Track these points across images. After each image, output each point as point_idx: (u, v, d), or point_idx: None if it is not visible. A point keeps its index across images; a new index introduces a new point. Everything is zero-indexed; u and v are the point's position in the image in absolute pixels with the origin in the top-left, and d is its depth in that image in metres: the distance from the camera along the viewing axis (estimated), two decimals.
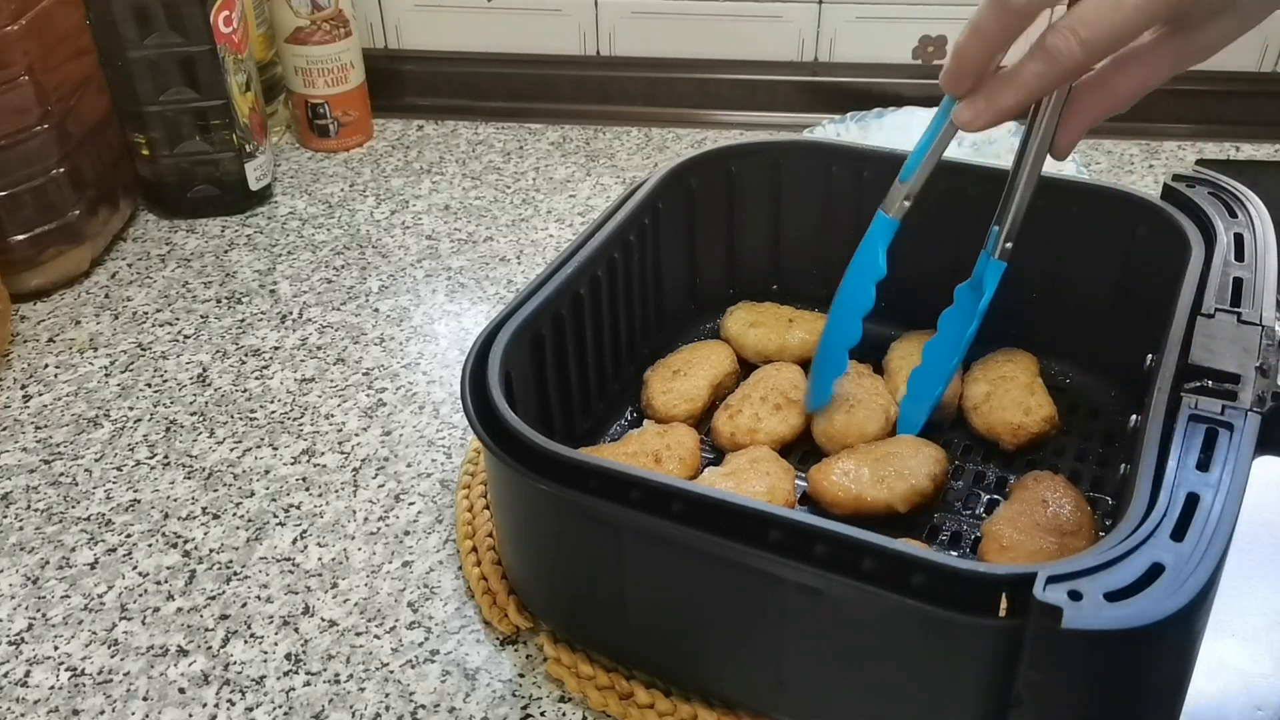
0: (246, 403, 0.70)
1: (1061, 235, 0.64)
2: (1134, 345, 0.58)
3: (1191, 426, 0.44)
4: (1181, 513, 0.40)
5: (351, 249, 0.87)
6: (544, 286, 0.57)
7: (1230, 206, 0.59)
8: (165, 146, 0.88)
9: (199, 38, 0.84)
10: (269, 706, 0.51)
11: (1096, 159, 0.97)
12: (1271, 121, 1.00)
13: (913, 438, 0.59)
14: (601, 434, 0.65)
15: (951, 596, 0.39)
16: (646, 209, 0.65)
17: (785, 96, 1.05)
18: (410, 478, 0.64)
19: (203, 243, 0.89)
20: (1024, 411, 0.61)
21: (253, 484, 0.64)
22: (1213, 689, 0.50)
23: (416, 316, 0.79)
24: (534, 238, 0.88)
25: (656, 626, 0.49)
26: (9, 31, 0.73)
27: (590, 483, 0.45)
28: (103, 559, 0.59)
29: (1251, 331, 0.49)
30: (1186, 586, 0.37)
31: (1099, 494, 0.59)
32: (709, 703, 0.50)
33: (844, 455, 0.58)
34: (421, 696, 0.51)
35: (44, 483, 0.64)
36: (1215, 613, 0.40)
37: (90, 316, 0.80)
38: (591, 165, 0.99)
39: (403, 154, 1.01)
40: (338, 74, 0.98)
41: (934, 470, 0.56)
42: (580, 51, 1.09)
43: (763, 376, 0.65)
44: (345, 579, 0.57)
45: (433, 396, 0.71)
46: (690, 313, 0.73)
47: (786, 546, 0.42)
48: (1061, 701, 0.39)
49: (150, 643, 0.54)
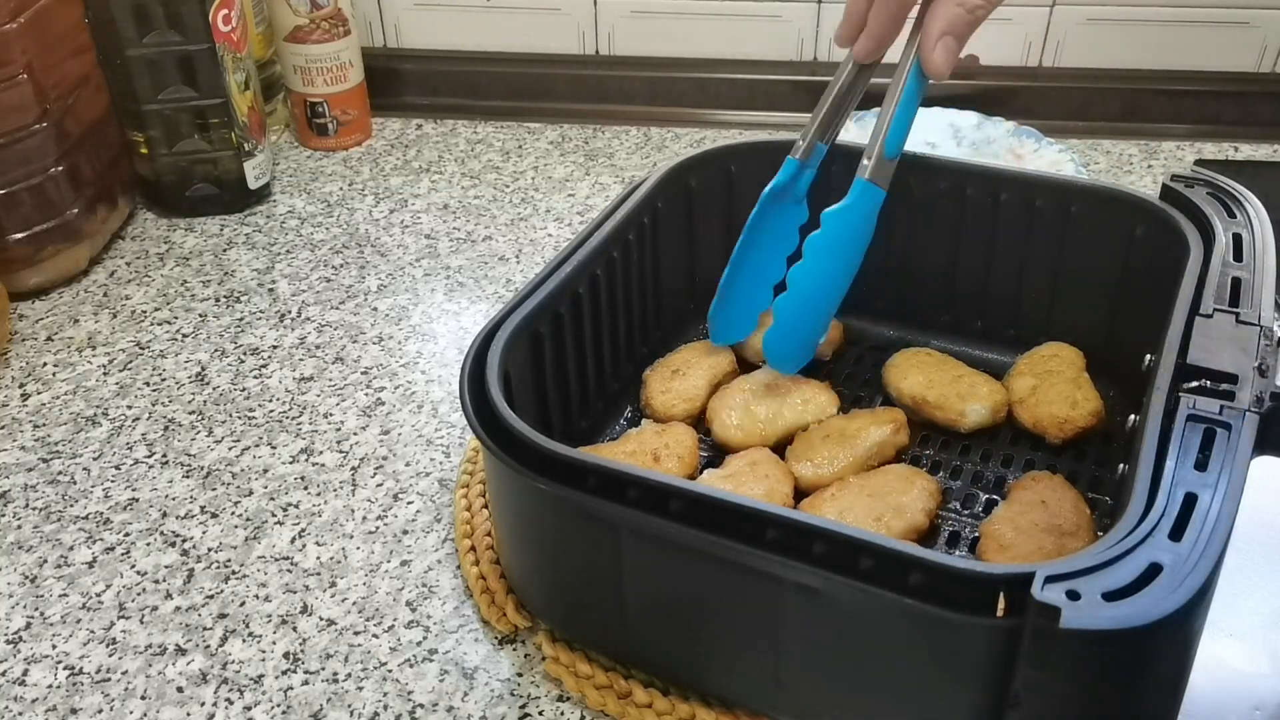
0: (245, 401, 0.70)
1: (1060, 235, 0.65)
2: (1132, 345, 0.58)
3: (1190, 426, 0.44)
4: (1179, 513, 0.40)
5: (350, 248, 0.87)
6: (543, 286, 0.57)
7: (1229, 207, 0.59)
8: (164, 145, 0.88)
9: (198, 36, 0.84)
10: (267, 705, 0.51)
11: (1095, 159, 0.97)
12: (1270, 122, 1.00)
13: (904, 468, 0.59)
14: (600, 433, 0.65)
15: (950, 596, 0.39)
16: (646, 208, 0.65)
17: (785, 96, 1.05)
18: (409, 477, 0.64)
19: (201, 241, 0.88)
20: (1071, 405, 0.62)
21: (251, 483, 0.64)
22: (1210, 688, 0.50)
23: (415, 315, 0.79)
24: (533, 237, 0.88)
25: (655, 625, 0.49)
26: (7, 29, 0.73)
27: (589, 482, 0.45)
28: (101, 558, 0.59)
29: (1250, 332, 0.49)
30: (1184, 586, 0.37)
31: (1097, 494, 0.59)
32: (707, 702, 0.50)
33: (837, 489, 0.57)
34: (420, 695, 0.51)
35: (42, 481, 0.64)
36: (1213, 612, 0.40)
37: (89, 315, 0.79)
38: (590, 164, 0.99)
39: (401, 153, 1.01)
40: (336, 73, 0.98)
41: (929, 505, 0.56)
42: (579, 51, 1.09)
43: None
44: (344, 578, 0.57)
45: (431, 395, 0.71)
46: (689, 312, 0.73)
47: (785, 545, 0.42)
48: (1059, 701, 0.39)
49: (148, 642, 0.54)
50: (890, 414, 0.62)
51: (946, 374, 0.65)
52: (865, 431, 0.60)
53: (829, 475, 0.58)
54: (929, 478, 0.58)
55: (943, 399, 0.63)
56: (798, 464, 0.59)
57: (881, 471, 0.59)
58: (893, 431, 0.61)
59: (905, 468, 0.59)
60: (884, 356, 0.67)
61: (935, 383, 0.64)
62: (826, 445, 0.60)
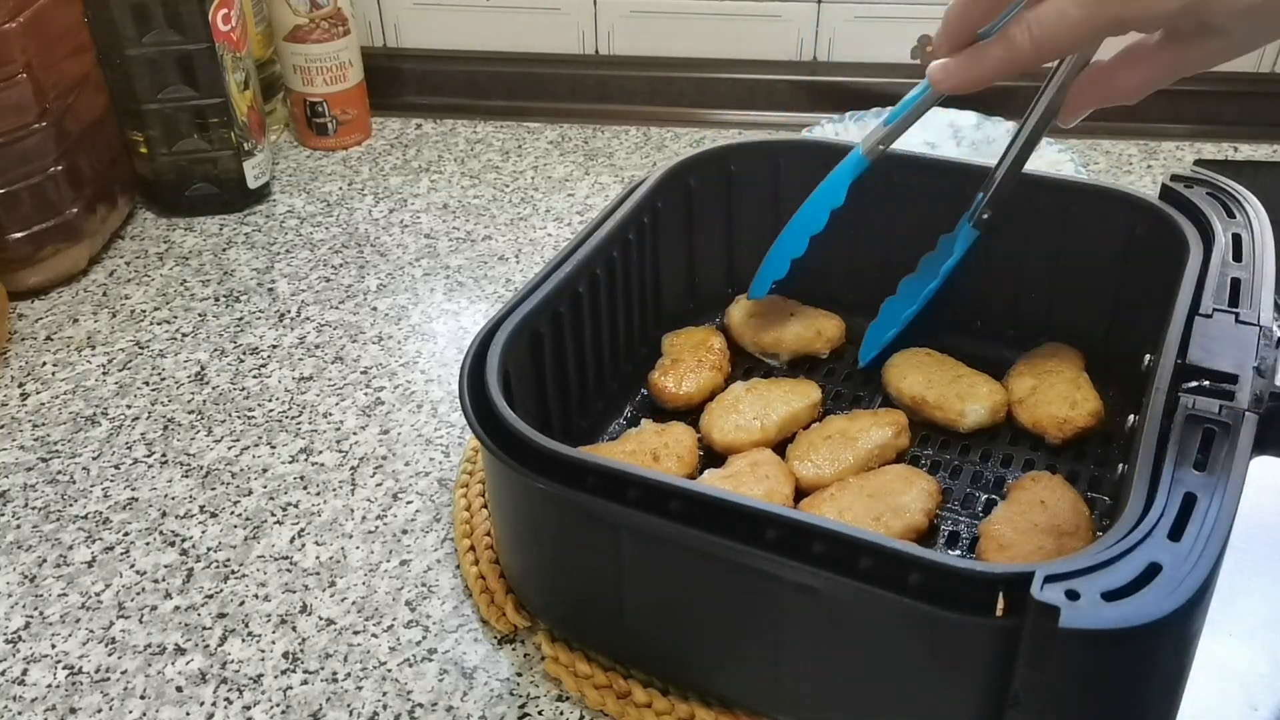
0: (244, 401, 0.70)
1: (1059, 235, 0.65)
2: (1132, 345, 0.58)
3: (1189, 426, 0.44)
4: (1179, 513, 0.40)
5: (350, 247, 0.87)
6: (542, 285, 0.57)
7: (1228, 207, 0.59)
8: (163, 144, 0.88)
9: (197, 36, 0.83)
10: (266, 705, 0.51)
11: (1095, 159, 0.97)
12: (1270, 122, 1.00)
13: (904, 468, 0.59)
14: (599, 433, 0.65)
15: (949, 596, 0.39)
16: (645, 208, 0.65)
17: (784, 96, 1.05)
18: (408, 476, 0.64)
19: (201, 241, 0.88)
20: (1070, 405, 0.62)
21: (250, 482, 0.64)
22: (1209, 689, 0.50)
23: (415, 315, 0.79)
24: (532, 236, 0.88)
25: (654, 625, 0.49)
26: (7, 29, 0.73)
27: (588, 481, 0.45)
28: (100, 557, 0.59)
29: (1249, 332, 0.49)
30: (1183, 586, 0.37)
31: (1096, 494, 0.59)
32: (706, 701, 0.50)
33: (836, 490, 0.57)
34: (419, 695, 0.51)
35: (41, 481, 0.64)
36: (1212, 613, 0.40)
37: (88, 314, 0.79)
38: (590, 164, 0.99)
39: (401, 153, 1.01)
40: (336, 72, 0.98)
41: (928, 505, 0.56)
42: (579, 50, 1.09)
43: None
44: (343, 577, 0.57)
45: (431, 395, 0.71)
46: (689, 311, 0.73)
47: (784, 545, 0.42)
48: (1058, 700, 0.39)
49: (148, 641, 0.54)
50: (892, 416, 0.62)
51: (946, 374, 0.65)
52: (867, 433, 0.60)
53: (829, 476, 0.58)
54: (928, 478, 0.58)
55: (942, 399, 0.63)
56: (798, 464, 0.59)
57: (881, 471, 0.59)
58: (894, 434, 0.61)
59: (904, 468, 0.59)
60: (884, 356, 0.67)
61: (935, 382, 0.64)
62: (827, 445, 0.60)
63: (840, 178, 0.63)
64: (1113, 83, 0.49)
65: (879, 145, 0.62)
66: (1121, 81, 0.48)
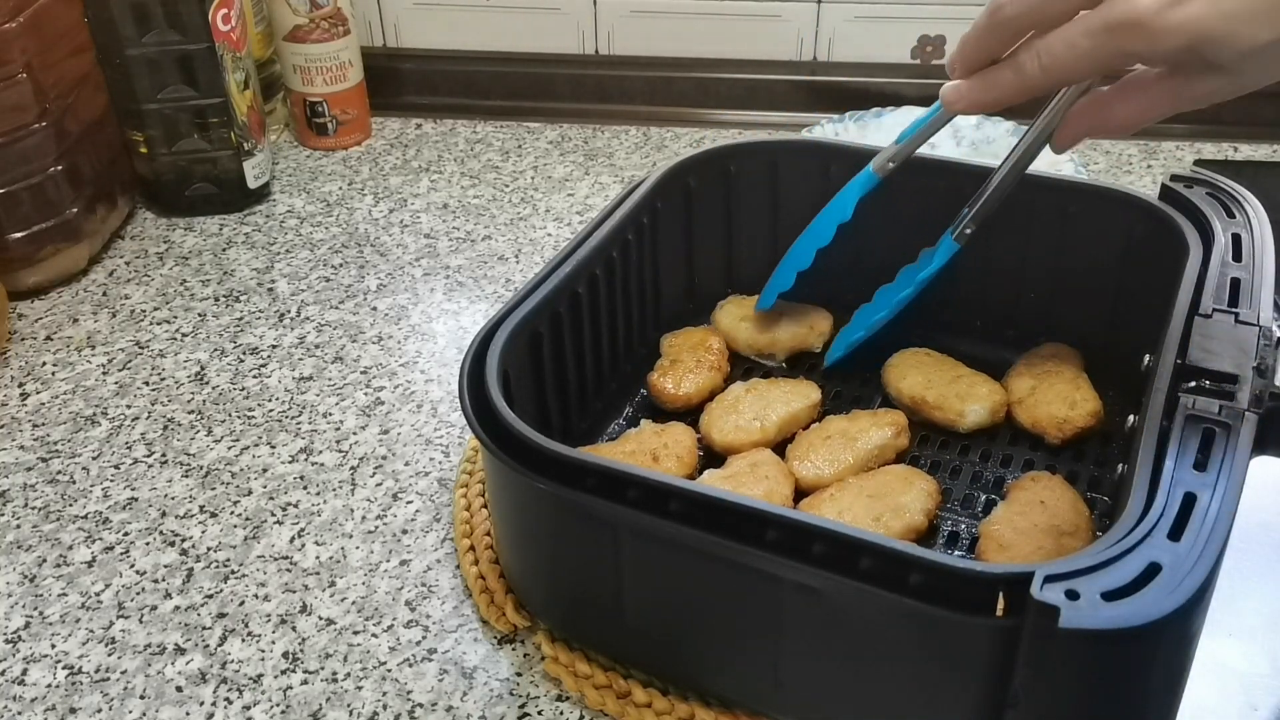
0: (244, 401, 0.70)
1: (1059, 235, 0.65)
2: (1131, 345, 0.58)
3: (1189, 426, 0.44)
4: (1179, 513, 0.40)
5: (350, 247, 0.87)
6: (542, 285, 0.57)
7: (1228, 207, 0.59)
8: (163, 144, 0.88)
9: (197, 35, 0.84)
10: (266, 705, 0.51)
11: (1095, 159, 0.97)
12: (1269, 122, 1.00)
13: (903, 468, 0.59)
14: (599, 433, 0.65)
15: (949, 596, 0.39)
16: (645, 208, 0.65)
17: (784, 96, 1.05)
18: (408, 476, 0.64)
19: (201, 241, 0.88)
20: (1069, 405, 0.62)
21: (250, 482, 0.64)
22: (1209, 689, 0.50)
23: (414, 315, 0.79)
24: (532, 236, 0.88)
25: (654, 625, 0.49)
26: (7, 29, 0.73)
27: (588, 481, 0.45)
28: (100, 557, 0.59)
29: (1249, 332, 0.49)
30: (1183, 586, 0.37)
31: (1096, 494, 0.59)
32: (706, 701, 0.50)
33: (836, 490, 0.57)
34: (419, 695, 0.51)
35: (41, 481, 0.64)
36: (1212, 613, 0.40)
37: (88, 314, 0.79)
38: (590, 164, 0.99)
39: (401, 152, 1.01)
40: (336, 72, 0.98)
41: (928, 506, 0.56)
42: (579, 50, 1.09)
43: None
44: (343, 577, 0.57)
45: (431, 395, 0.71)
46: (688, 312, 0.73)
47: (784, 545, 0.42)
48: (1058, 701, 0.39)
49: (148, 641, 0.54)
50: (892, 416, 0.62)
51: (945, 374, 0.65)
52: (866, 433, 0.60)
53: (829, 476, 0.58)
54: (928, 478, 0.58)
55: (942, 399, 0.63)
56: (798, 464, 0.59)
57: (881, 472, 0.59)
58: (894, 435, 0.61)
59: (904, 468, 0.59)
60: (883, 356, 0.67)
61: (934, 383, 0.64)
62: (827, 446, 0.60)
63: (850, 194, 0.64)
64: (1109, 112, 0.49)
65: (889, 163, 0.63)
66: (1118, 111, 0.49)
